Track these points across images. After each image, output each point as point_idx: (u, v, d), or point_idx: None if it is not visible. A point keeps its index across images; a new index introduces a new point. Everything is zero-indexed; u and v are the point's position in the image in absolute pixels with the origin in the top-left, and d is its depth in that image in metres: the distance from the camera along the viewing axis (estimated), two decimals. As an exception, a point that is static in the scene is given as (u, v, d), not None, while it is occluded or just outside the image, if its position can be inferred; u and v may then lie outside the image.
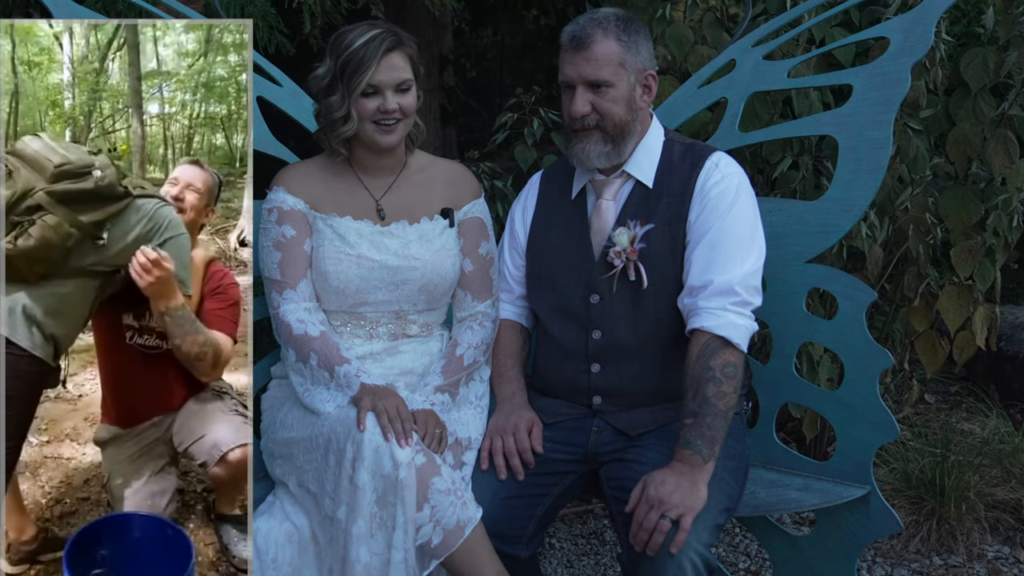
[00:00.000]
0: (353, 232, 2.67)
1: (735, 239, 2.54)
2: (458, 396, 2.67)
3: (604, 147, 2.62)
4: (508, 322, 2.85)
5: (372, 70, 2.56)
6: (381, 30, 2.59)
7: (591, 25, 2.59)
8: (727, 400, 2.46)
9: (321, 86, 2.63)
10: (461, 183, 2.81)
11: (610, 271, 2.63)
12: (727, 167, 2.63)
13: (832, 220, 2.75)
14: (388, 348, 2.69)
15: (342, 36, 2.60)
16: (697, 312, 2.51)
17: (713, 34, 3.80)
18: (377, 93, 2.59)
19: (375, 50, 2.56)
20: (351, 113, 2.60)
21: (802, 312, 2.81)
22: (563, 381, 2.72)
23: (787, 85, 3.04)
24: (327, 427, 2.47)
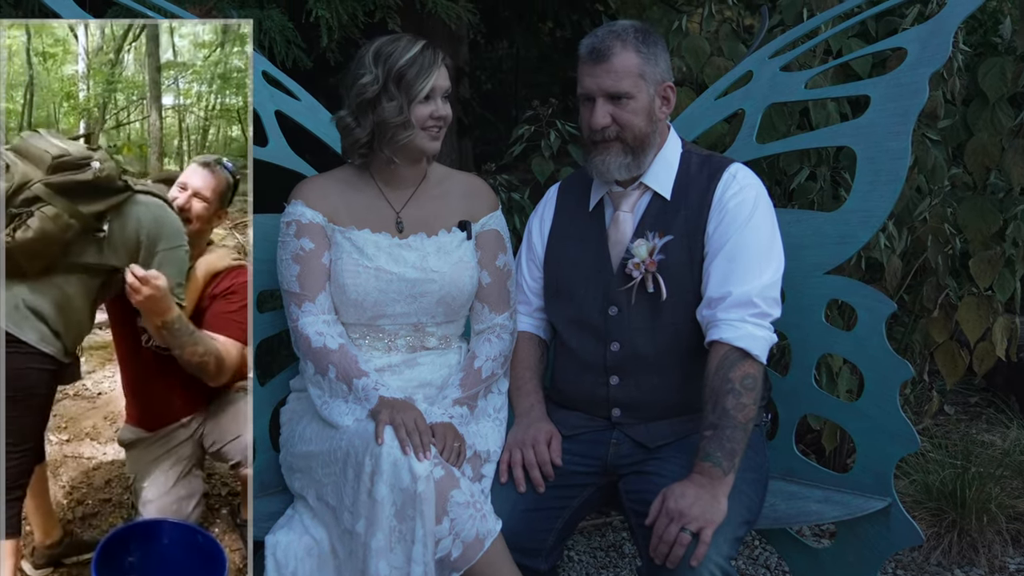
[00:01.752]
0: (371, 245, 2.67)
1: (753, 251, 2.54)
2: (476, 409, 2.67)
3: (624, 159, 2.63)
4: (526, 334, 2.85)
5: (435, 75, 2.61)
6: (426, 41, 2.65)
7: (610, 37, 2.60)
8: (746, 412, 2.45)
9: (366, 96, 2.63)
10: (478, 196, 2.82)
11: (628, 283, 2.63)
12: (745, 179, 2.63)
13: (850, 231, 2.75)
14: (406, 360, 2.70)
15: (390, 46, 2.63)
16: (716, 324, 2.51)
17: (730, 46, 3.80)
18: (430, 99, 2.63)
19: (432, 57, 2.62)
20: (410, 119, 2.62)
21: (821, 323, 2.81)
22: (581, 393, 2.72)
23: (804, 96, 3.04)
24: (345, 441, 2.48)
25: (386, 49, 2.63)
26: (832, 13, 3.20)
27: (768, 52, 3.09)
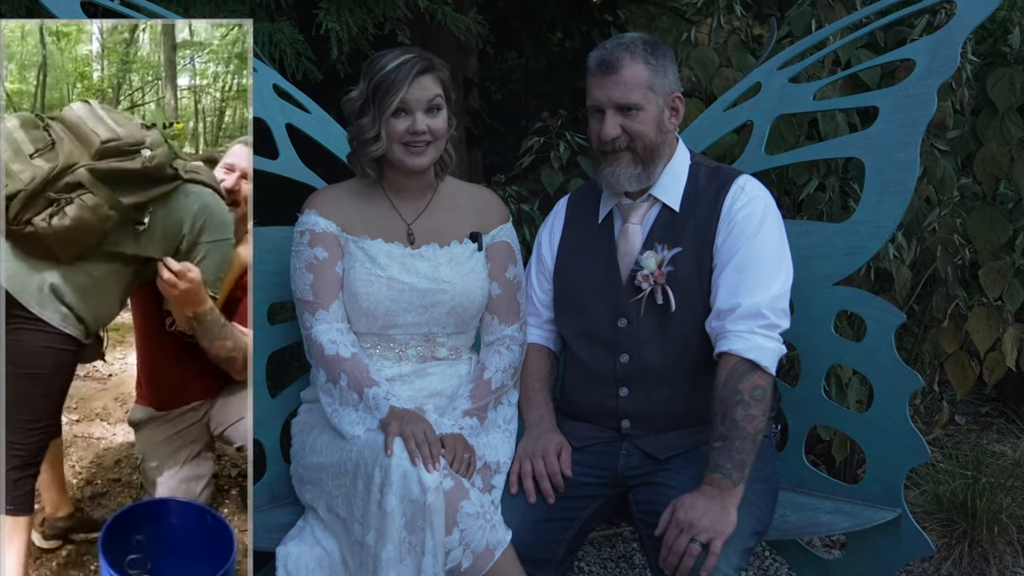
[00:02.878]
0: (384, 254, 2.69)
1: (762, 262, 2.55)
2: (486, 420, 2.68)
3: (635, 169, 2.64)
4: (536, 346, 2.86)
5: (403, 90, 2.60)
6: (414, 54, 2.64)
7: (619, 49, 2.61)
8: (756, 423, 2.45)
9: (354, 108, 2.67)
10: (489, 208, 2.83)
11: (637, 295, 2.64)
12: (753, 190, 2.64)
13: (859, 242, 2.76)
14: (417, 370, 2.71)
15: (376, 60, 2.65)
16: (725, 335, 2.52)
17: (738, 57, 3.80)
18: (407, 113, 2.63)
19: (407, 71, 2.60)
20: (381, 133, 2.63)
21: (830, 334, 2.81)
22: (591, 405, 2.73)
23: (813, 107, 3.05)
24: (355, 452, 2.49)
25: (373, 63, 2.65)
26: (841, 24, 3.20)
27: (777, 63, 3.10)
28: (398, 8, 3.71)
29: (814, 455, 3.93)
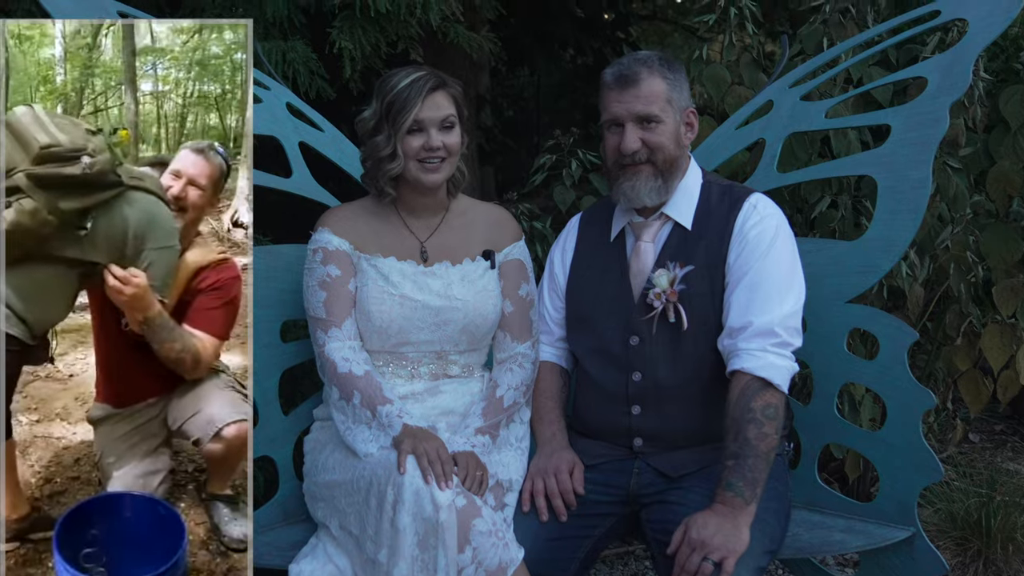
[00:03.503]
0: (396, 272, 2.70)
1: (774, 280, 2.55)
2: (498, 438, 2.68)
3: (655, 182, 2.65)
4: (548, 364, 2.86)
5: (417, 107, 2.62)
6: (426, 72, 2.66)
7: (636, 64, 2.63)
8: (768, 441, 2.45)
9: (367, 128, 2.69)
10: (502, 226, 2.85)
11: (650, 313, 2.64)
12: (765, 208, 2.65)
13: (872, 260, 2.76)
14: (429, 388, 2.72)
15: (388, 79, 2.67)
16: (737, 353, 2.52)
17: (750, 75, 3.82)
18: (422, 131, 2.65)
19: (420, 89, 2.62)
20: (397, 151, 2.65)
21: (843, 352, 2.81)
22: (603, 423, 2.73)
23: (825, 125, 3.05)
24: (368, 470, 2.49)
25: (387, 81, 2.67)
26: (853, 42, 3.21)
27: (788, 81, 3.11)
28: (410, 27, 3.73)
29: (827, 473, 3.92)
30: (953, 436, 4.12)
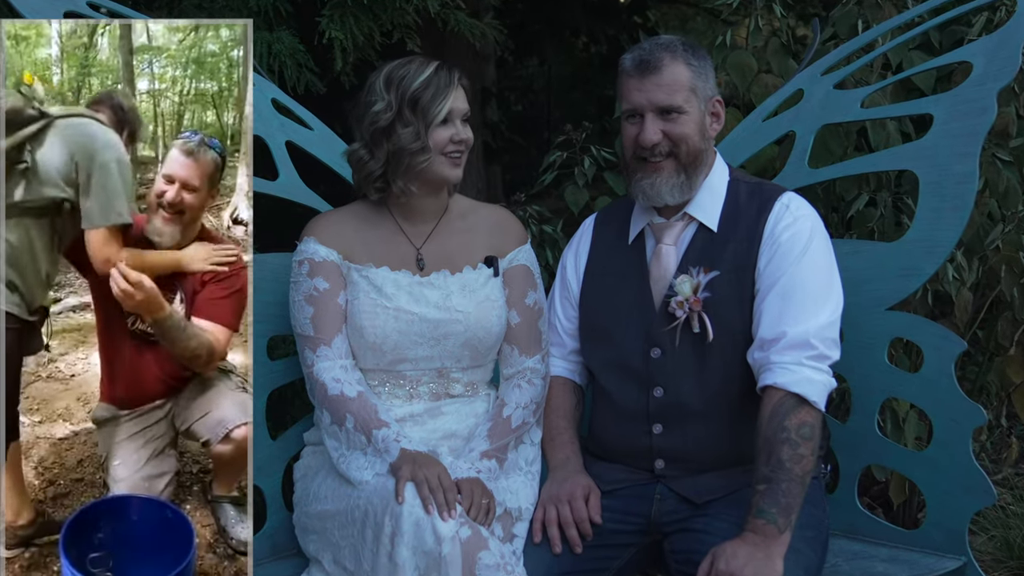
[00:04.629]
0: (391, 283, 2.70)
1: (809, 287, 2.54)
2: (506, 462, 2.67)
3: (677, 178, 2.64)
4: (560, 379, 2.86)
5: (451, 96, 2.65)
6: (440, 63, 2.69)
7: (658, 49, 2.63)
8: (804, 463, 2.44)
9: (379, 124, 2.66)
10: (505, 229, 2.84)
11: (672, 323, 2.64)
12: (798, 208, 2.64)
13: (915, 262, 2.75)
14: (430, 409, 2.71)
15: (401, 69, 2.68)
16: (769, 367, 2.51)
17: (779, 61, 3.81)
18: (450, 122, 2.67)
19: (448, 78, 2.66)
20: (428, 144, 2.65)
21: (884, 365, 2.80)
22: (621, 444, 2.73)
23: (861, 116, 3.05)
24: (364, 499, 2.49)
25: (398, 73, 2.67)
26: (890, 24, 3.21)
27: (821, 68, 3.11)
28: (407, 14, 3.73)
29: (869, 498, 3.91)
30: (1008, 455, 4.10)
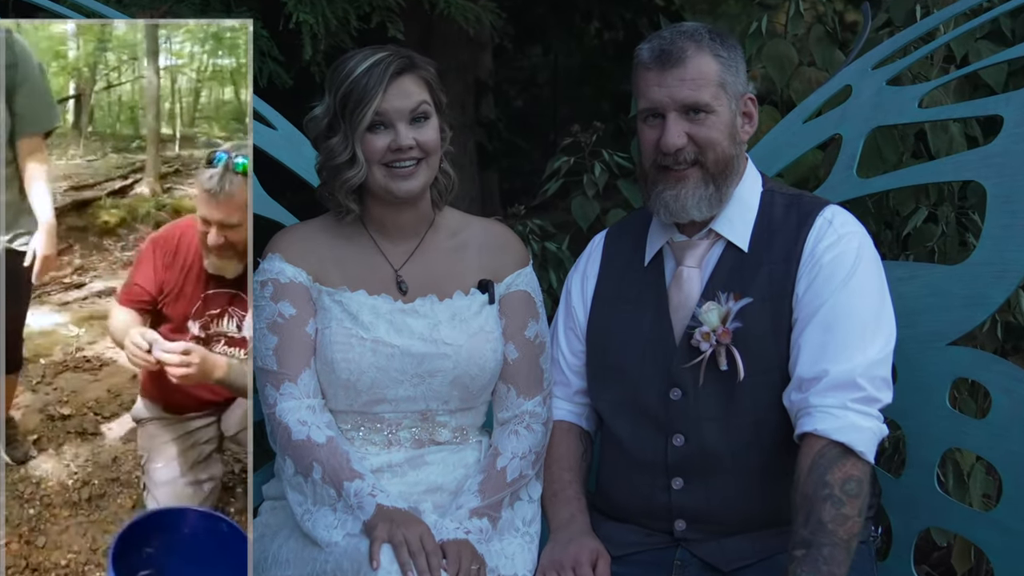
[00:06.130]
0: (368, 310, 2.69)
1: (856, 317, 2.53)
2: (501, 521, 2.66)
3: (705, 189, 2.64)
4: (564, 424, 2.86)
5: (378, 98, 2.61)
6: (389, 52, 2.65)
7: (681, 38, 2.63)
8: (849, 525, 2.43)
9: (320, 128, 2.68)
10: (503, 248, 2.84)
11: (695, 358, 2.62)
12: (843, 225, 2.63)
13: (981, 289, 2.73)
14: (411, 459, 2.71)
15: (342, 64, 2.67)
16: (809, 411, 2.50)
17: (823, 52, 3.82)
18: (387, 127, 2.64)
19: (381, 74, 2.61)
20: (357, 155, 2.64)
21: (945, 409, 2.78)
22: (636, 501, 2.72)
23: (919, 117, 3.06)
24: (332, 564, 2.48)
25: (339, 68, 2.67)
26: (954, 10, 3.20)
27: (872, 60, 3.11)
28: (388, -6, 3.75)
29: (928, 566, 3.91)
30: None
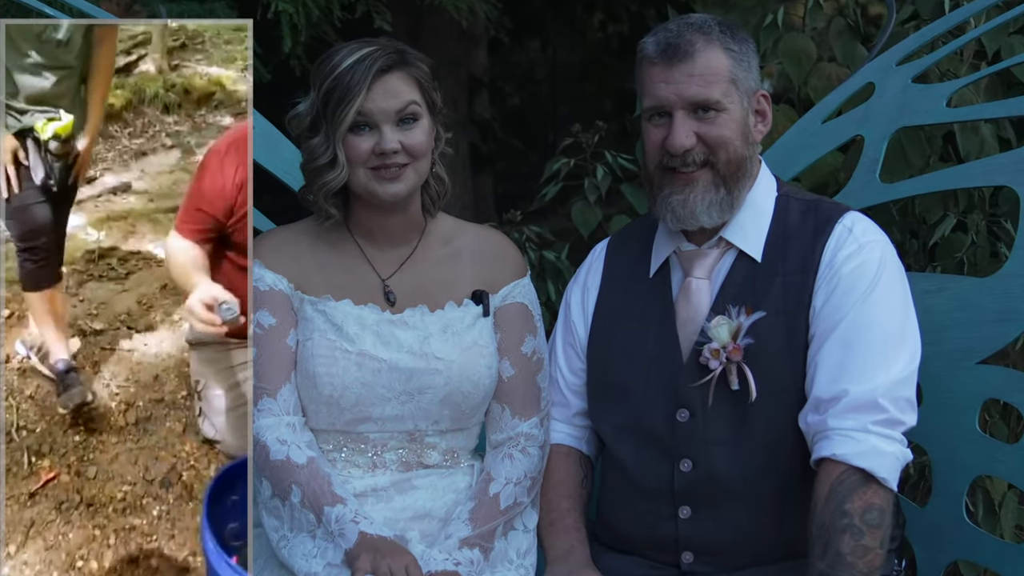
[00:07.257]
0: (353, 321, 2.70)
1: (878, 333, 2.54)
2: (493, 552, 2.67)
3: (716, 193, 2.65)
4: (562, 448, 2.86)
5: (361, 97, 2.62)
6: (376, 47, 2.66)
7: (690, 31, 2.64)
8: (870, 558, 2.44)
9: (303, 127, 2.69)
10: (499, 257, 2.85)
11: (704, 377, 2.63)
12: (864, 233, 2.64)
13: (1014, 303, 2.74)
14: (398, 482, 2.72)
15: (326, 59, 2.68)
16: (827, 435, 2.50)
17: (844, 47, 3.83)
18: (371, 128, 2.65)
19: (365, 71, 2.62)
20: (338, 157, 2.65)
21: (974, 433, 2.78)
22: (639, 531, 2.72)
23: (947, 117, 3.07)
24: (311, 597, 2.48)
25: (324, 63, 2.68)
26: (985, 3, 3.22)
27: (896, 56, 3.12)
28: (374, -17, 3.76)
29: (956, 601, 3.90)
30: None
